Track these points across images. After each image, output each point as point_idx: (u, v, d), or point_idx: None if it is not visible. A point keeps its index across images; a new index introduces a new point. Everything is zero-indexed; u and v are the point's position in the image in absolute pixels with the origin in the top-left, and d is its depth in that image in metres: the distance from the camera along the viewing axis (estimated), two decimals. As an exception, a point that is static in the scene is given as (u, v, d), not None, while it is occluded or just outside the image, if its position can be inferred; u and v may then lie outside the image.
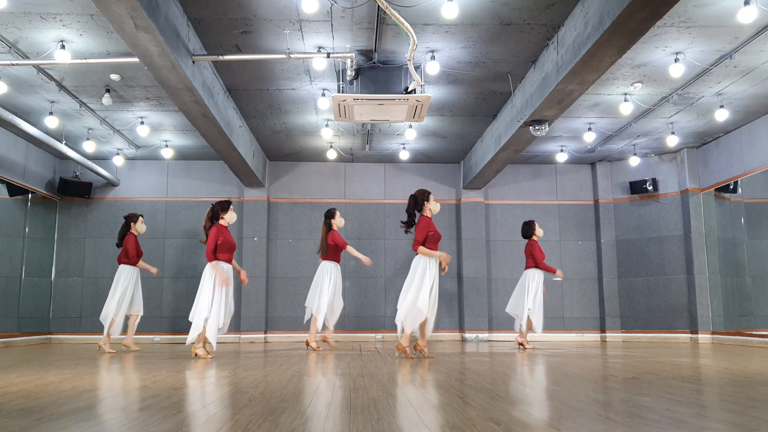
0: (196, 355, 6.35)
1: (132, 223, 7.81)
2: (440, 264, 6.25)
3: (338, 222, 7.71)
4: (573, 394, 3.40)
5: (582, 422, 2.53)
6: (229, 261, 6.60)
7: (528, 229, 7.98)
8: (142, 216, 7.97)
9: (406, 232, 6.34)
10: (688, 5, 5.25)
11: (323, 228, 7.73)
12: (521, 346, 7.69)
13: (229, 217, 6.67)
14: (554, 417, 2.64)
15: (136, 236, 7.81)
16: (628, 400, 3.13)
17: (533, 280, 7.73)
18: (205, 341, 6.42)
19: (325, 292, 7.49)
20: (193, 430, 2.40)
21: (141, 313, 7.78)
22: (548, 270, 7.80)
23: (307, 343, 7.53)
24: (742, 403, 3.03)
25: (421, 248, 6.09)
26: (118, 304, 7.49)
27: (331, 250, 7.63)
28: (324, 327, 7.70)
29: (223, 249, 6.51)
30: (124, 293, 7.54)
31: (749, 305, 10.00)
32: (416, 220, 6.30)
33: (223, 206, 6.66)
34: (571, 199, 10.72)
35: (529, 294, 7.66)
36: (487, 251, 10.43)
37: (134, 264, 7.73)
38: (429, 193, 6.38)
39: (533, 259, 7.80)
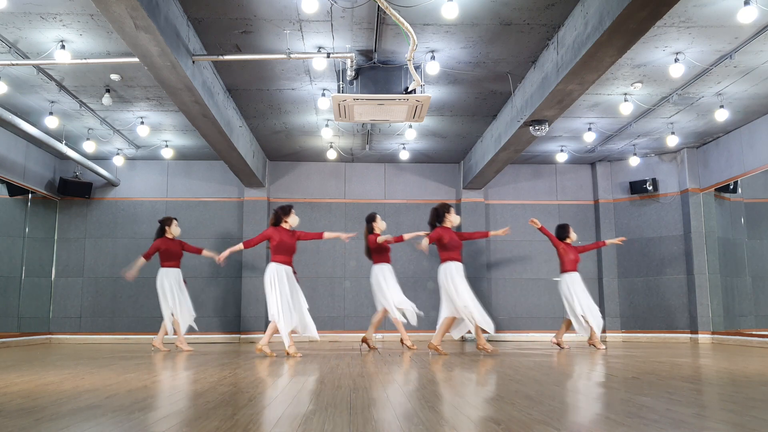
0: (288, 354, 6.45)
1: (166, 227, 7.83)
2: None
3: (380, 225, 7.66)
4: (573, 394, 3.41)
5: (582, 422, 2.53)
6: (285, 262, 6.53)
7: (562, 232, 7.98)
8: (176, 219, 7.97)
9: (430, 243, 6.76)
10: (688, 5, 5.25)
11: (365, 232, 7.68)
12: (593, 346, 7.73)
13: (292, 220, 6.68)
14: (554, 417, 2.64)
15: (170, 239, 7.80)
16: (628, 400, 3.13)
17: (570, 284, 7.73)
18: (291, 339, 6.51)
19: (388, 293, 7.41)
20: (193, 430, 2.40)
21: (189, 314, 7.85)
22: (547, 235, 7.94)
23: (402, 342, 7.53)
24: (742, 403, 3.03)
25: (403, 235, 7.01)
26: (171, 306, 7.65)
27: (378, 252, 7.58)
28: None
29: (277, 250, 6.51)
30: (164, 296, 7.66)
31: (749, 305, 10.00)
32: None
33: (285, 210, 6.68)
34: (571, 199, 10.72)
35: (574, 299, 7.67)
36: (487, 251, 10.42)
37: (170, 266, 7.75)
38: (450, 206, 6.76)
39: (573, 262, 7.81)
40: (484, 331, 6.48)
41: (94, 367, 5.20)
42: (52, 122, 7.74)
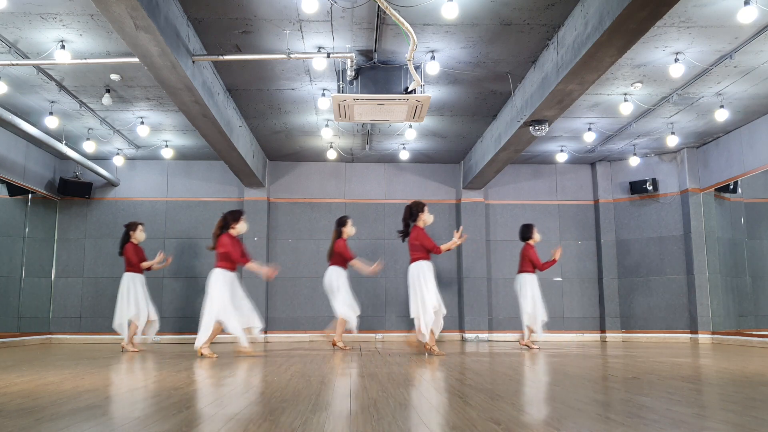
0: (201, 354, 6.37)
1: (131, 232, 7.83)
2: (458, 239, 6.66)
3: (349, 230, 7.68)
4: (573, 394, 3.41)
5: (582, 422, 2.53)
6: (232, 269, 6.57)
7: (526, 232, 7.97)
8: (142, 224, 7.98)
9: (403, 240, 6.69)
10: (688, 5, 5.25)
11: (334, 234, 7.72)
12: (525, 347, 7.69)
13: (240, 227, 6.63)
14: (554, 417, 2.64)
15: (135, 244, 7.83)
16: (628, 400, 3.13)
17: (527, 284, 7.72)
18: (210, 341, 6.48)
19: (339, 297, 7.47)
20: (193, 430, 2.40)
21: (153, 318, 7.79)
22: (548, 267, 7.78)
23: (334, 343, 7.56)
24: (742, 403, 3.03)
25: (443, 246, 6.46)
26: (127, 310, 7.61)
27: (337, 256, 7.63)
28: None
29: (227, 257, 6.50)
30: (128, 299, 7.63)
31: (749, 305, 10.00)
32: (410, 231, 6.59)
33: (234, 216, 6.63)
34: (571, 199, 10.72)
35: (526, 299, 7.66)
36: (487, 251, 10.42)
37: (138, 271, 7.78)
38: (424, 205, 6.63)
39: (531, 264, 7.78)
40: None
41: (94, 367, 5.20)
42: (52, 122, 7.74)
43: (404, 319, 10.06)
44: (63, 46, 5.88)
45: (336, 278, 7.57)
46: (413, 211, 6.58)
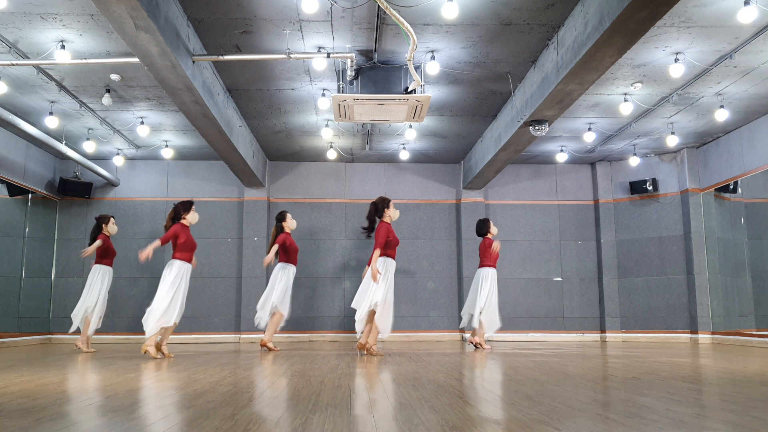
0: (146, 352, 6.25)
1: (103, 225, 7.81)
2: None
3: (290, 224, 7.73)
4: (573, 394, 3.40)
5: (582, 422, 2.53)
6: (189, 260, 6.55)
7: (483, 227, 8.01)
8: (113, 217, 7.95)
9: (367, 237, 6.71)
10: (688, 5, 5.25)
11: (273, 231, 7.76)
12: (478, 346, 7.62)
13: (191, 218, 6.61)
14: (554, 417, 2.64)
15: (106, 237, 7.78)
16: (628, 400, 3.13)
17: (486, 279, 7.72)
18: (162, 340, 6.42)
19: (275, 293, 7.49)
20: (193, 429, 2.40)
21: (99, 315, 7.66)
22: (492, 262, 7.83)
23: (263, 344, 7.51)
24: (742, 403, 3.03)
25: (376, 254, 6.36)
26: (88, 301, 7.55)
27: (285, 253, 7.67)
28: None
29: (184, 248, 6.49)
30: (95, 291, 7.58)
31: (749, 305, 10.01)
32: (376, 226, 6.59)
33: (185, 206, 6.61)
34: (571, 199, 10.72)
35: (481, 293, 7.66)
36: (487, 251, 10.41)
37: (107, 264, 7.76)
38: (389, 201, 6.70)
39: (491, 258, 7.81)
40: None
41: (94, 367, 5.20)
42: (52, 122, 7.74)
43: (404, 319, 10.05)
44: (63, 46, 5.89)
45: (281, 275, 7.55)
46: (379, 207, 6.64)
